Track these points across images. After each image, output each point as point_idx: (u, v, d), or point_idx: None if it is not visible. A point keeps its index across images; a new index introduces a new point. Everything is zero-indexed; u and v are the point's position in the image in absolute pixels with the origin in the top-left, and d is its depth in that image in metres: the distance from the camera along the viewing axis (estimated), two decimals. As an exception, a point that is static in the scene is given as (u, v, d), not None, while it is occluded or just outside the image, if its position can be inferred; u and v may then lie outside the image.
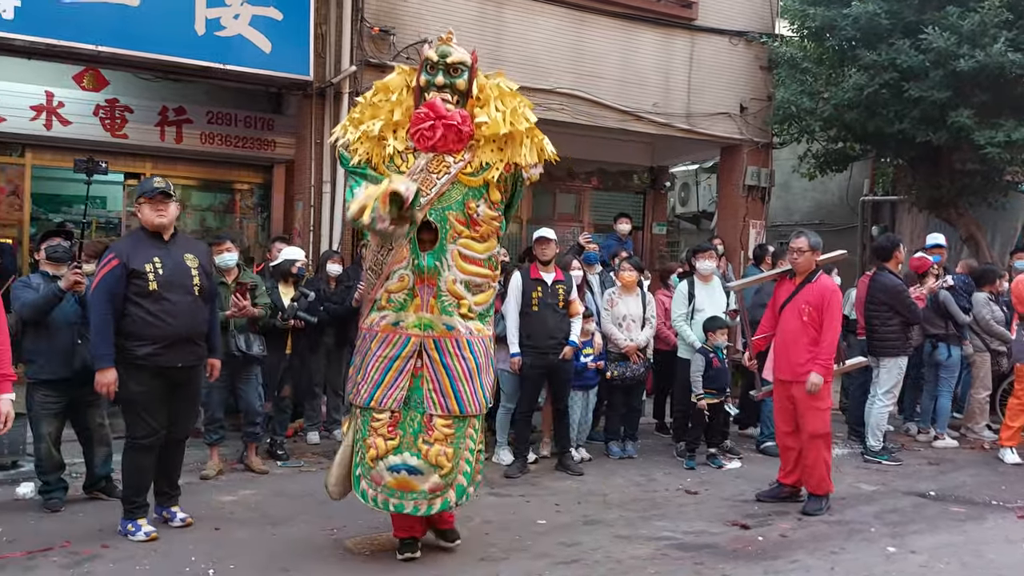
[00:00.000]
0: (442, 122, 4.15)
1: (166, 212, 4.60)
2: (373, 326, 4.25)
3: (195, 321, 4.67)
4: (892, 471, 6.85)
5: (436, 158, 4.19)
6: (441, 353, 4.19)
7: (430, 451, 4.17)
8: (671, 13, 9.87)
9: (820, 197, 14.14)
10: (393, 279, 4.20)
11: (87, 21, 6.76)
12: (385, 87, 4.39)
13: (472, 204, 4.25)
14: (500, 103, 4.34)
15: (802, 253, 5.72)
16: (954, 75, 8.57)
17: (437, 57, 4.27)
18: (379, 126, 4.23)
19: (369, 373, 4.19)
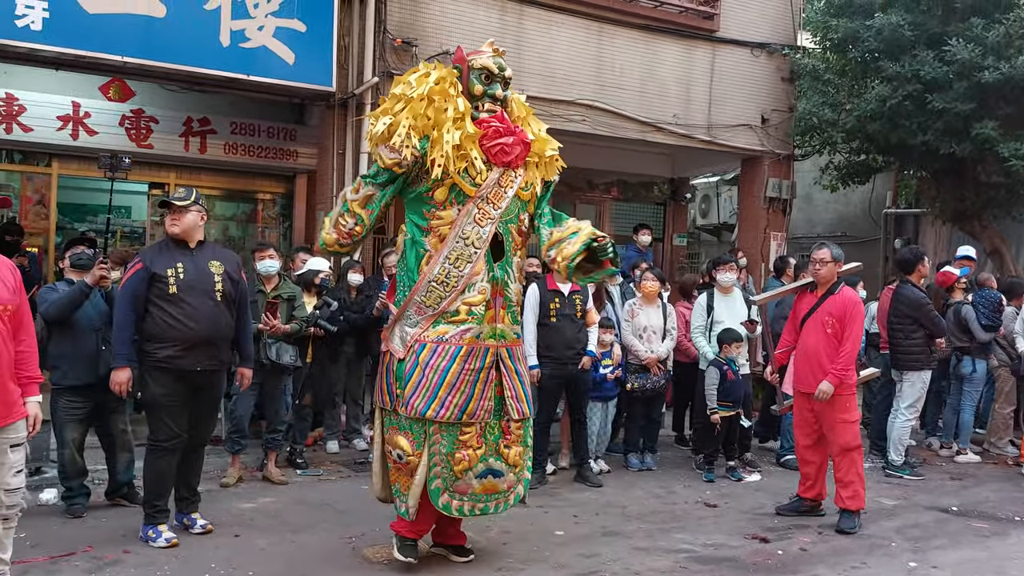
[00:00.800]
0: (519, 138, 4.27)
1: (179, 221, 4.70)
2: (448, 338, 4.19)
3: (216, 325, 4.69)
4: (914, 486, 6.78)
5: (505, 172, 4.26)
6: (514, 361, 4.34)
7: (510, 454, 4.30)
8: (693, 24, 9.87)
9: (842, 209, 14.06)
10: (473, 291, 4.22)
11: (114, 32, 6.85)
12: (442, 90, 4.24)
13: (523, 217, 4.41)
14: (535, 122, 4.51)
15: (825, 264, 5.68)
16: (978, 87, 8.51)
17: (497, 70, 4.30)
18: (458, 136, 4.16)
19: (458, 388, 4.14)
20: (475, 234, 4.19)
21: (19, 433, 3.59)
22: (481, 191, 4.20)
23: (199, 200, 4.82)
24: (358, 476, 6.42)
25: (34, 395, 3.68)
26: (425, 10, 8.39)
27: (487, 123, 4.23)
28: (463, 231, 4.18)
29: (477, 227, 4.19)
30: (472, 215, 4.19)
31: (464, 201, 4.20)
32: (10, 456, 3.55)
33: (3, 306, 3.50)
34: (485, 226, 4.20)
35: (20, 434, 3.60)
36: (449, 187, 4.19)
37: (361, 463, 6.74)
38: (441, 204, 4.21)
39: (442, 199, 4.20)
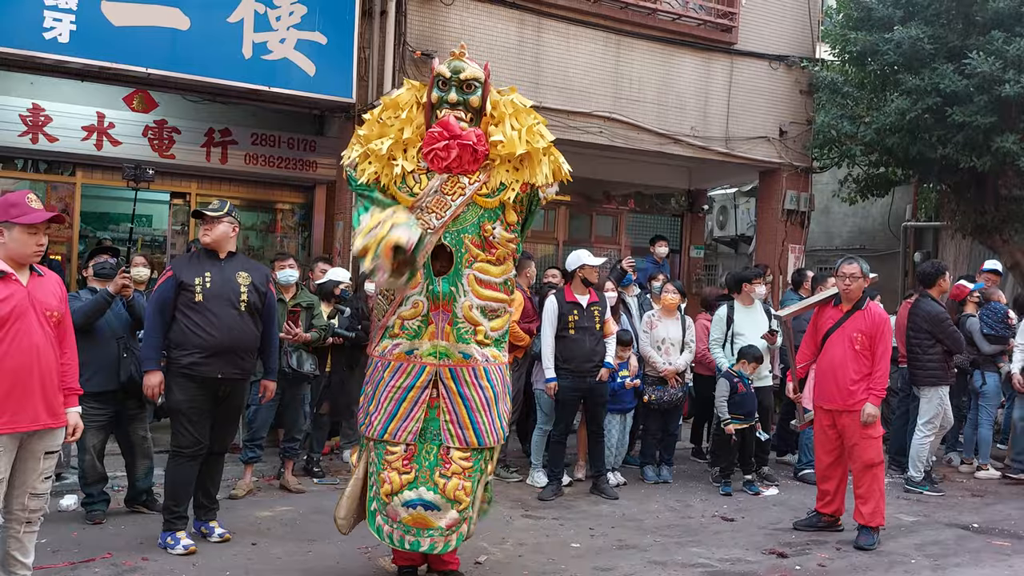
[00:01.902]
0: (457, 142, 3.99)
1: (210, 232, 4.81)
2: (385, 354, 4.07)
3: (238, 335, 4.75)
4: (933, 502, 6.72)
5: (450, 179, 4.03)
6: (458, 382, 4.01)
7: (447, 485, 3.99)
8: (711, 37, 9.88)
9: (861, 222, 13.98)
10: (407, 305, 4.02)
11: (138, 44, 6.96)
12: (394, 104, 4.19)
13: (488, 226, 4.08)
14: (515, 120, 4.16)
15: (856, 279, 5.61)
16: (999, 100, 8.45)
17: (450, 73, 4.09)
18: (387, 145, 4.03)
19: (382, 404, 4.01)
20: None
21: (56, 441, 3.71)
22: (419, 200, 4.00)
23: (232, 212, 4.90)
24: (374, 486, 6.43)
25: (73, 406, 3.79)
26: (444, 22, 8.45)
27: (430, 131, 4.04)
28: None
29: None
30: None
31: None
32: (43, 462, 3.65)
33: (51, 312, 3.66)
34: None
35: (58, 441, 3.72)
36: (391, 198, 4.05)
37: (377, 473, 6.75)
38: None
39: None
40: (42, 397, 3.58)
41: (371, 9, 8.08)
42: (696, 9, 9.91)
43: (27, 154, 8.15)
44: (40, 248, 3.69)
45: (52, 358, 3.64)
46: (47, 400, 3.60)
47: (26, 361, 3.51)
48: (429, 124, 4.09)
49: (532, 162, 4.13)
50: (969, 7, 8.96)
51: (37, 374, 3.55)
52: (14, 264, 3.59)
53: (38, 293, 3.63)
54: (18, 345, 3.50)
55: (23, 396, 3.51)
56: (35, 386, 3.54)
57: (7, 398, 3.47)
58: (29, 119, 7.75)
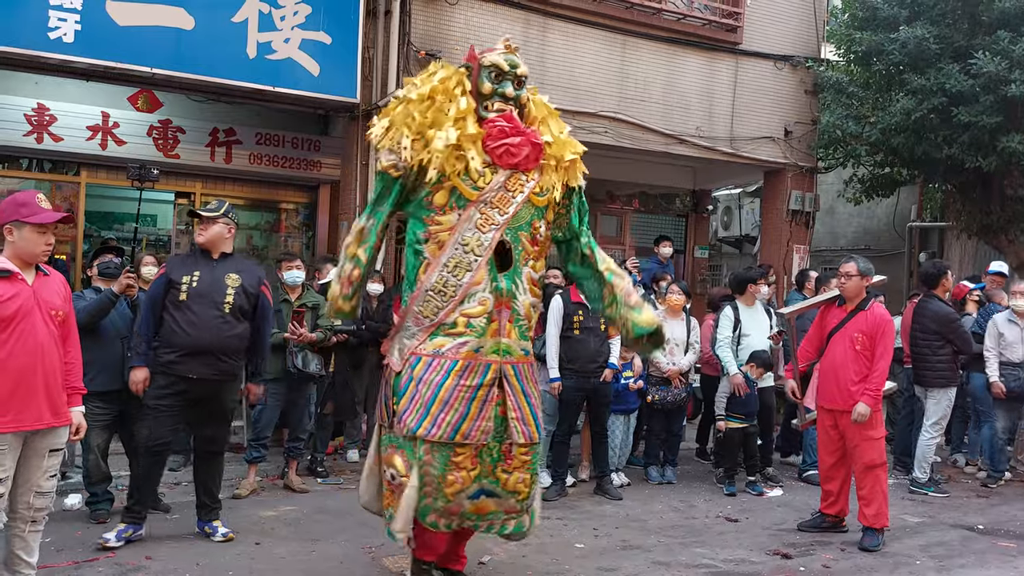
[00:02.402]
0: (528, 138, 3.92)
1: (204, 231, 4.84)
2: (444, 352, 3.85)
3: (217, 336, 4.73)
4: (939, 503, 6.70)
5: (513, 176, 3.93)
6: (520, 379, 3.95)
7: (509, 480, 3.92)
8: (716, 37, 9.87)
9: (866, 222, 13.96)
10: (472, 302, 3.86)
11: (143, 44, 6.96)
12: (444, 88, 3.96)
13: (537, 224, 4.03)
14: (554, 123, 4.17)
15: (850, 278, 5.61)
16: (1005, 100, 8.43)
17: (508, 66, 3.98)
18: (455, 135, 3.83)
19: (451, 404, 3.80)
20: (476, 241, 3.84)
21: (61, 439, 3.74)
22: (484, 195, 3.86)
23: (228, 213, 4.91)
24: (378, 486, 6.43)
25: (77, 405, 3.82)
26: (449, 22, 8.45)
27: (492, 123, 3.91)
28: (463, 237, 3.84)
29: (479, 233, 3.84)
30: (473, 220, 3.84)
31: (465, 205, 3.85)
32: (47, 460, 3.67)
33: (56, 311, 3.69)
34: (487, 232, 3.85)
35: (62, 440, 3.75)
36: (449, 190, 3.87)
37: (381, 473, 6.75)
38: (440, 208, 3.87)
39: (441, 203, 3.87)
40: (46, 396, 3.59)
41: (375, 9, 8.08)
42: (701, 9, 9.90)
43: (32, 154, 8.15)
44: (48, 248, 3.72)
45: (56, 357, 3.66)
46: (51, 399, 3.62)
47: (31, 360, 3.53)
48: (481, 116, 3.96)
49: (574, 166, 4.16)
50: (975, 7, 8.94)
51: (41, 373, 3.57)
52: (21, 263, 3.61)
53: (43, 292, 3.65)
54: (23, 344, 3.51)
55: (27, 395, 3.52)
56: (39, 385, 3.56)
57: (11, 397, 3.48)
58: (34, 119, 7.76)
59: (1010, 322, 7.29)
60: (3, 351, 3.47)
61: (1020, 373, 7.24)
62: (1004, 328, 7.28)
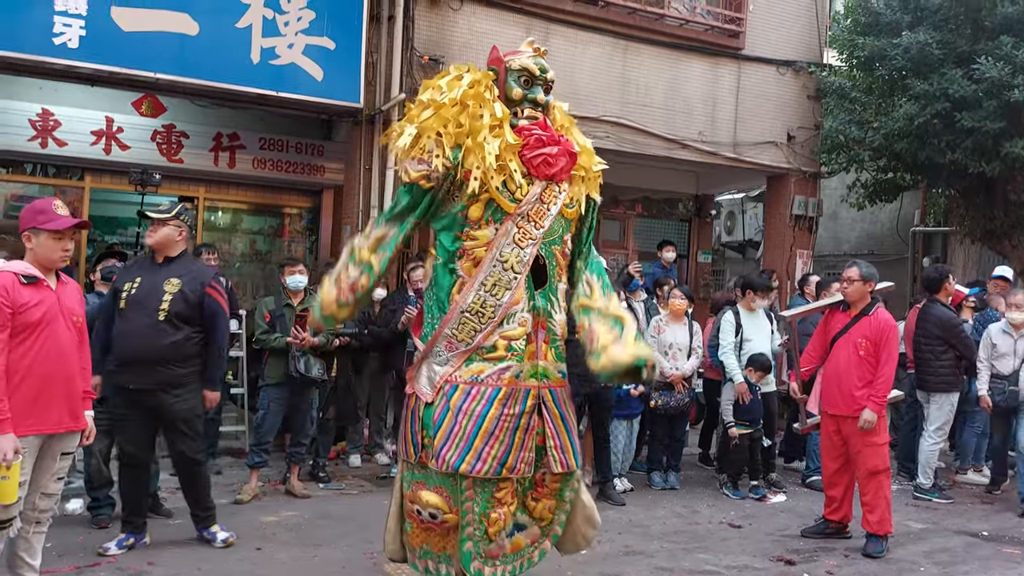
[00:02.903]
0: (564, 148, 3.71)
1: (153, 234, 4.66)
2: (483, 379, 3.58)
3: (150, 345, 4.52)
4: (943, 509, 6.68)
5: (548, 187, 3.69)
6: (559, 404, 3.70)
7: (536, 507, 3.74)
8: (718, 42, 9.87)
9: (870, 227, 13.94)
10: (513, 323, 3.60)
11: (147, 49, 6.97)
12: (477, 94, 3.68)
13: (567, 238, 3.83)
14: (577, 132, 3.96)
15: (852, 283, 5.60)
16: (1008, 105, 8.43)
17: (539, 71, 3.76)
18: (499, 145, 3.59)
19: (496, 437, 3.52)
20: (515, 257, 3.59)
21: (73, 442, 3.84)
22: (521, 208, 3.62)
23: (180, 215, 4.72)
24: (380, 491, 6.43)
25: (89, 409, 3.88)
26: (452, 28, 8.47)
27: (528, 131, 3.67)
28: (501, 253, 3.58)
29: (517, 248, 3.60)
30: (511, 235, 3.60)
31: (502, 219, 3.61)
32: (58, 463, 3.73)
33: (76, 316, 3.77)
34: (526, 247, 3.61)
35: (74, 443, 3.84)
36: (485, 203, 3.62)
37: (383, 478, 6.75)
38: (476, 223, 3.62)
39: (477, 217, 3.62)
40: (66, 400, 3.68)
41: (379, 14, 8.10)
42: (704, 14, 9.92)
43: (36, 158, 8.17)
44: (66, 253, 3.78)
45: (77, 362, 3.74)
46: (71, 403, 3.71)
47: (55, 366, 3.61)
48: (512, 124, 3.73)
49: (596, 176, 3.97)
50: (977, 12, 8.94)
51: (63, 378, 3.66)
52: (42, 270, 3.68)
53: (65, 299, 3.75)
54: (48, 350, 3.59)
55: (50, 399, 3.60)
56: (61, 390, 3.65)
57: (35, 401, 3.55)
58: (38, 123, 7.77)
59: (1004, 332, 7.07)
60: (29, 356, 3.54)
61: (1006, 386, 6.96)
62: (997, 338, 7.06)
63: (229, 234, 9.48)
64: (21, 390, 3.51)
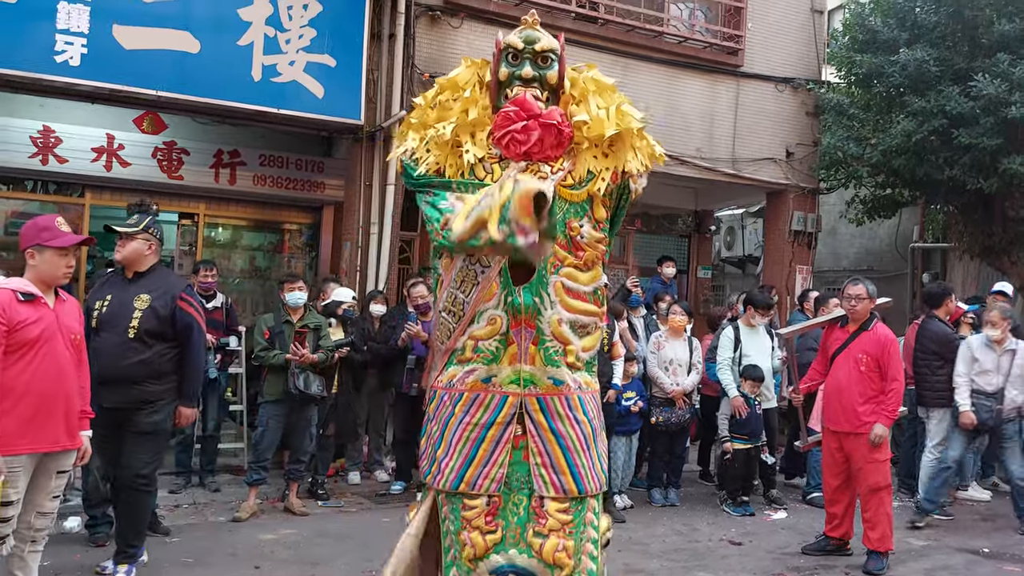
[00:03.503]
0: (538, 121, 3.26)
1: (122, 248, 4.50)
2: (454, 383, 3.27)
3: (120, 363, 4.36)
4: (944, 526, 6.65)
5: (529, 168, 3.28)
6: (549, 415, 3.22)
7: (544, 545, 3.13)
8: (717, 60, 9.92)
9: (868, 243, 13.96)
10: (481, 322, 3.25)
11: (149, 67, 7.01)
12: (453, 83, 3.47)
13: (574, 224, 3.34)
14: (600, 99, 3.46)
15: (861, 300, 5.59)
16: (1005, 122, 8.46)
17: (522, 43, 3.40)
18: (451, 128, 3.30)
19: (455, 446, 3.20)
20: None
21: (69, 461, 3.81)
22: None
23: (149, 227, 4.54)
24: (379, 508, 6.41)
25: (85, 429, 3.87)
26: (452, 45, 8.51)
27: (503, 112, 3.29)
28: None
29: None
30: None
31: None
32: (54, 481, 3.71)
33: (75, 334, 3.76)
34: None
35: (70, 461, 3.81)
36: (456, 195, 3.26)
37: (383, 495, 6.74)
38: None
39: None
40: (64, 419, 3.67)
41: (380, 32, 8.14)
42: (702, 32, 9.97)
43: (37, 175, 8.20)
44: (69, 270, 3.79)
45: (74, 381, 3.73)
46: (68, 422, 3.70)
47: (53, 384, 3.61)
48: (497, 105, 3.38)
49: (624, 146, 3.43)
50: (974, 30, 8.99)
51: (62, 396, 3.65)
52: (43, 287, 3.69)
53: (64, 316, 3.74)
54: (46, 368, 3.58)
55: (47, 418, 3.59)
56: (59, 408, 3.64)
57: (31, 420, 3.54)
58: (39, 140, 7.81)
59: (986, 346, 6.77)
60: (26, 374, 3.53)
61: (993, 404, 6.63)
62: (979, 353, 6.71)
63: (229, 250, 9.50)
64: (19, 408, 3.50)
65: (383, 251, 8.23)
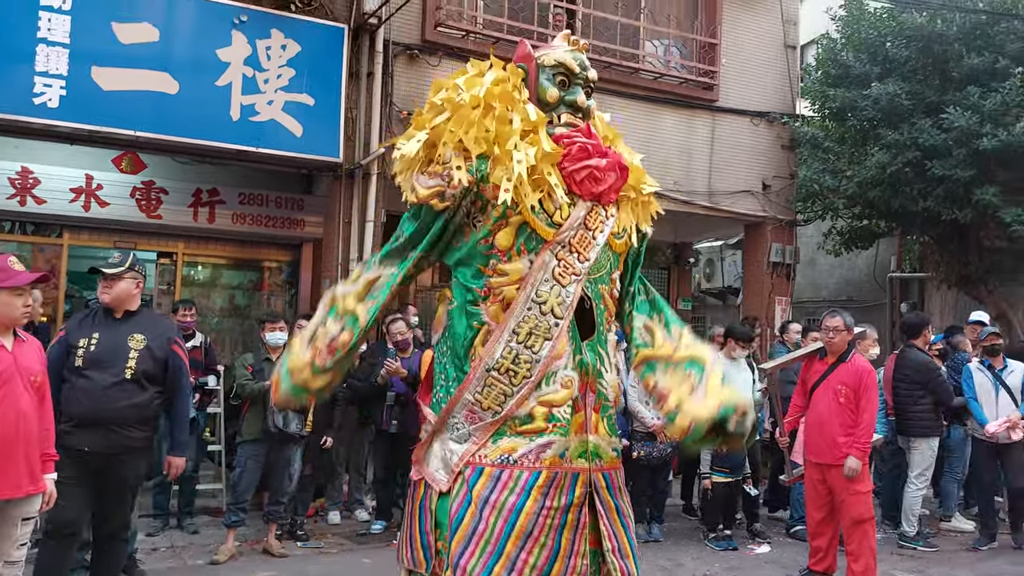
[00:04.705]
0: (614, 161, 2.91)
1: (109, 290, 4.31)
2: (518, 459, 2.72)
3: (112, 405, 4.16)
4: (928, 557, 6.64)
5: (594, 210, 2.88)
6: (613, 493, 2.83)
7: None
8: (693, 95, 10.06)
9: (848, 273, 14.08)
10: (554, 384, 2.77)
11: (128, 108, 7.01)
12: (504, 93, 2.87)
13: (615, 276, 3.02)
14: (624, 149, 3.15)
15: (839, 332, 5.63)
16: (977, 154, 8.60)
17: (579, 68, 2.99)
18: (535, 154, 2.78)
19: (536, 539, 2.65)
20: (555, 297, 2.75)
21: (34, 507, 3.70)
22: (562, 234, 2.80)
23: (135, 266, 4.41)
24: (359, 549, 6.33)
25: (50, 472, 3.76)
26: (430, 83, 8.57)
27: (569, 139, 2.88)
28: (537, 292, 2.75)
29: (558, 286, 2.77)
30: (550, 269, 2.77)
31: (538, 249, 2.78)
32: (19, 529, 3.61)
33: (35, 376, 3.66)
34: (568, 285, 2.78)
35: (35, 508, 3.71)
36: (516, 228, 2.79)
37: (363, 535, 6.66)
38: (505, 253, 2.79)
39: (506, 246, 2.79)
40: (25, 463, 3.57)
41: (358, 71, 8.20)
42: (678, 68, 10.11)
43: (15, 216, 8.17)
44: (27, 310, 3.70)
45: (35, 424, 3.63)
46: (29, 466, 3.59)
47: (12, 428, 3.51)
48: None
49: (649, 203, 3.16)
50: (944, 64, 9.17)
51: (22, 440, 3.54)
52: (1, 328, 3.58)
53: (23, 358, 3.65)
54: (3, 412, 3.49)
55: (7, 463, 3.49)
56: (19, 453, 3.54)
57: None
58: (17, 182, 7.79)
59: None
60: None
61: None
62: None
63: (208, 289, 9.47)
64: None
65: (363, 288, 8.21)
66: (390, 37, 8.26)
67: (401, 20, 8.28)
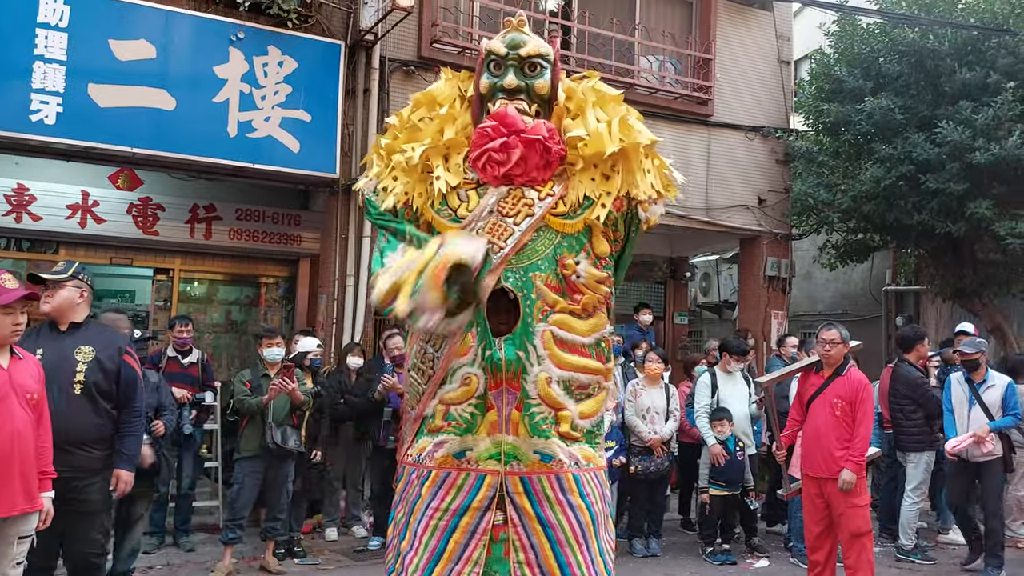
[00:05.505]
0: (520, 138, 2.78)
1: (50, 299, 4.06)
2: (423, 459, 2.74)
3: (66, 423, 3.88)
4: (926, 570, 6.63)
5: (512, 193, 2.80)
6: (535, 500, 2.67)
7: None
8: (688, 110, 10.11)
9: (843, 287, 14.12)
10: (453, 382, 2.72)
11: (124, 125, 7.04)
12: (429, 98, 3.02)
13: (568, 260, 2.82)
14: (600, 111, 2.97)
15: (835, 345, 5.63)
16: (970, 167, 8.64)
17: (506, 49, 2.92)
18: (420, 151, 2.83)
19: (421, 538, 2.65)
20: None
21: (30, 525, 3.65)
22: (467, 226, 2.75)
23: (79, 274, 4.15)
24: (356, 565, 6.30)
25: (47, 490, 3.72)
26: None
27: (481, 128, 2.85)
28: None
29: None
30: None
31: None
32: (15, 548, 3.58)
33: (31, 394, 3.60)
34: None
35: (31, 526, 3.66)
36: (428, 230, 2.82)
37: (360, 551, 6.63)
38: None
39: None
40: (21, 482, 3.53)
41: (354, 88, 8.24)
42: (672, 83, 10.16)
43: (10, 233, 8.17)
44: (18, 328, 3.64)
45: (31, 442, 3.59)
46: (25, 484, 3.55)
47: (7, 446, 3.48)
48: (478, 122, 2.92)
49: (629, 166, 2.93)
50: (937, 78, 9.23)
51: (17, 459, 3.51)
52: None
53: (18, 376, 3.60)
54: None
55: (2, 481, 3.46)
56: (15, 471, 3.50)
57: None
58: (13, 199, 7.79)
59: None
60: None
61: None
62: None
63: (205, 305, 9.46)
64: None
65: (359, 303, 8.22)
66: (386, 54, 8.31)
67: (397, 37, 8.33)
